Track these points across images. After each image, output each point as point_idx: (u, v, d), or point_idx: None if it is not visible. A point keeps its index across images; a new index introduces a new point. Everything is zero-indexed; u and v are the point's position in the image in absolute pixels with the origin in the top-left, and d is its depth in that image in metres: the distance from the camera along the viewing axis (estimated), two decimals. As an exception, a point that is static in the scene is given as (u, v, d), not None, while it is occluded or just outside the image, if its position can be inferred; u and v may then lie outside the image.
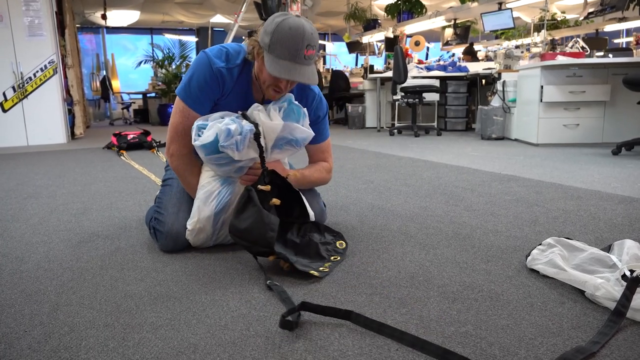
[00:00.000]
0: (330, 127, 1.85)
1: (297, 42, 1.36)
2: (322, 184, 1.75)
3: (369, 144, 4.87)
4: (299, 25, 1.36)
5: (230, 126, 1.38)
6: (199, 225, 1.49)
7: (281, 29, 1.36)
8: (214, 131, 1.38)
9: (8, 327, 1.05)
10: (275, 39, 1.36)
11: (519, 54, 5.40)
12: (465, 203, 2.14)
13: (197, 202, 1.51)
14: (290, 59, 1.37)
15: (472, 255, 1.45)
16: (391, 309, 1.10)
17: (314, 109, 1.67)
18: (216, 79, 1.49)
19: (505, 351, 0.91)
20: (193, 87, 1.50)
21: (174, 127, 1.55)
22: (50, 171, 3.44)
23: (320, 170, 1.72)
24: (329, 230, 1.53)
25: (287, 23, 1.36)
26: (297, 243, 1.49)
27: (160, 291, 1.23)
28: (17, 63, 5.48)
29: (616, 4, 5.60)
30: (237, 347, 0.95)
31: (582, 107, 4.25)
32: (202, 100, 1.51)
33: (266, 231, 1.29)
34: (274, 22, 1.38)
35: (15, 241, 1.72)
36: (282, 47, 1.36)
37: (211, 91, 1.50)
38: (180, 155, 1.56)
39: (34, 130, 5.65)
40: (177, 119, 1.54)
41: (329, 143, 1.78)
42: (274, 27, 1.37)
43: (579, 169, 3.00)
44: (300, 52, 1.37)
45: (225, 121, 1.40)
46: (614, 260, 1.22)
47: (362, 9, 9.51)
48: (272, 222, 1.31)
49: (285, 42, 1.36)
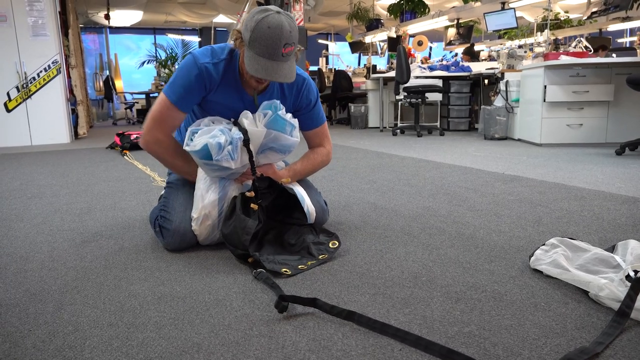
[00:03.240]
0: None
1: (274, 41, 1.39)
2: (321, 168, 1.81)
3: (371, 143, 4.86)
4: (278, 24, 1.39)
5: (219, 139, 1.42)
6: (204, 211, 1.50)
7: (260, 28, 1.39)
8: (203, 141, 1.43)
9: (13, 326, 1.05)
10: (255, 37, 1.40)
11: (522, 53, 5.38)
12: (469, 203, 2.13)
13: (199, 191, 1.54)
14: (268, 57, 1.41)
15: (476, 255, 1.45)
16: (394, 309, 1.10)
17: (304, 94, 1.70)
18: (202, 77, 1.52)
19: (509, 351, 0.91)
20: (177, 86, 1.54)
21: (153, 117, 1.58)
22: (53, 171, 3.45)
23: (316, 158, 1.77)
24: (325, 232, 1.55)
25: (266, 22, 1.38)
26: (292, 244, 1.51)
27: (163, 291, 1.23)
28: (20, 63, 5.50)
29: (620, 4, 5.59)
30: (240, 346, 0.95)
31: (585, 107, 4.24)
32: (185, 99, 1.55)
33: (241, 235, 1.37)
34: (254, 19, 1.41)
35: (19, 240, 1.72)
36: (261, 45, 1.40)
37: (195, 90, 1.54)
38: (157, 141, 1.58)
39: (38, 130, 5.67)
40: (157, 108, 1.57)
41: (325, 127, 1.82)
42: (254, 25, 1.40)
43: (583, 169, 2.99)
44: (278, 50, 1.40)
45: (214, 132, 1.44)
46: (617, 260, 1.22)
47: (364, 9, 9.52)
48: (247, 227, 1.38)
49: (264, 41, 1.39)
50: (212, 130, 1.46)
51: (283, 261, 1.39)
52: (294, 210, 1.57)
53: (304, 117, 1.73)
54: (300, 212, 1.56)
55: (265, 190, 1.54)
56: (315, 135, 1.79)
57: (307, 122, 1.75)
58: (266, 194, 1.54)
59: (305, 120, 1.75)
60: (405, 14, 8.30)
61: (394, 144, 4.81)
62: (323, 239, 1.51)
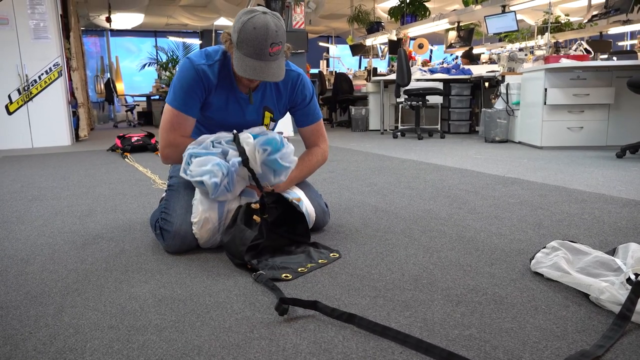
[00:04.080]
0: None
1: (261, 42, 1.41)
2: (318, 168, 1.81)
3: (372, 146, 4.87)
4: (263, 25, 1.40)
5: (215, 178, 1.43)
6: (205, 215, 1.50)
7: (246, 29, 1.41)
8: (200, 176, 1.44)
9: (13, 329, 1.06)
10: (242, 38, 1.42)
11: (522, 56, 5.39)
12: (469, 206, 2.14)
13: (198, 195, 1.55)
14: (256, 57, 1.43)
15: (476, 258, 1.45)
16: (395, 311, 1.10)
17: (299, 90, 1.71)
18: (200, 78, 1.54)
19: (510, 354, 0.91)
20: (178, 92, 1.56)
21: (164, 129, 1.60)
22: (54, 173, 3.45)
23: (311, 159, 1.77)
24: (327, 248, 1.55)
25: (252, 23, 1.41)
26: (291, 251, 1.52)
27: (164, 293, 1.23)
28: (22, 66, 5.51)
29: (620, 7, 5.59)
30: (241, 349, 0.95)
31: (586, 109, 4.24)
32: (188, 103, 1.57)
33: (238, 245, 1.38)
34: (240, 20, 1.43)
35: (20, 243, 1.72)
36: (248, 46, 1.42)
37: (196, 92, 1.56)
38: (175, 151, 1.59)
39: (39, 132, 5.68)
40: (166, 119, 1.60)
41: (320, 124, 1.82)
42: (240, 26, 1.42)
43: (583, 172, 2.99)
44: (264, 50, 1.43)
45: (211, 168, 1.44)
46: (618, 263, 1.22)
47: (365, 12, 9.54)
48: (245, 237, 1.38)
49: (250, 42, 1.41)
50: (209, 162, 1.45)
51: (282, 265, 1.38)
52: (298, 223, 1.57)
53: (300, 114, 1.75)
54: (304, 228, 1.56)
55: (272, 205, 1.53)
56: (311, 134, 1.79)
57: (302, 118, 1.76)
58: (272, 208, 1.53)
59: (301, 117, 1.76)
60: (406, 16, 8.32)
61: (394, 146, 4.82)
62: (324, 251, 1.51)
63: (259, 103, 1.67)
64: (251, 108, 1.66)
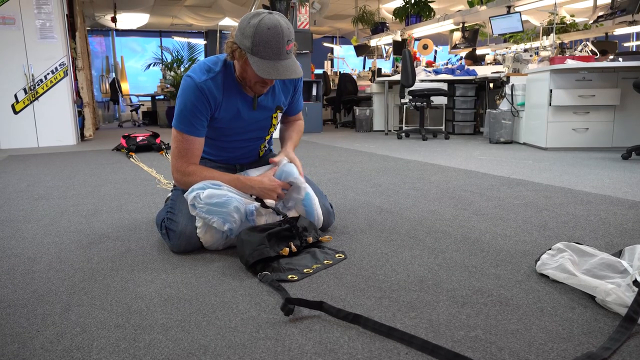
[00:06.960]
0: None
1: (278, 40, 1.41)
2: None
3: (376, 147, 4.86)
4: (276, 24, 1.40)
5: (231, 225, 1.46)
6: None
7: (260, 31, 1.39)
8: (212, 214, 1.45)
9: (21, 327, 1.06)
10: (257, 42, 1.40)
11: (527, 57, 5.38)
12: (474, 207, 2.13)
13: None
14: (276, 58, 1.43)
15: (482, 259, 1.45)
16: (400, 312, 1.10)
17: (299, 81, 1.77)
18: (205, 97, 1.53)
19: (515, 356, 0.91)
20: (183, 114, 1.55)
21: (174, 155, 1.60)
22: (60, 172, 3.47)
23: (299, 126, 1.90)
24: (332, 249, 1.55)
25: (265, 24, 1.39)
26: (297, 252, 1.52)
27: (170, 293, 1.24)
28: (28, 65, 5.54)
29: (626, 7, 5.56)
30: (247, 349, 0.95)
31: (591, 111, 4.23)
32: (194, 124, 1.56)
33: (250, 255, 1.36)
34: (250, 24, 1.41)
35: (27, 242, 1.73)
36: (266, 49, 1.40)
37: (202, 112, 1.55)
38: (188, 174, 1.58)
39: (45, 131, 5.71)
40: (175, 145, 1.59)
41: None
42: (253, 30, 1.40)
43: (589, 174, 2.98)
44: (282, 49, 1.43)
45: (225, 210, 1.46)
46: (624, 265, 1.22)
47: (370, 12, 9.53)
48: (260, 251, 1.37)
49: (268, 43, 1.40)
50: (228, 203, 1.46)
51: (288, 266, 1.38)
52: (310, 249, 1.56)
53: (294, 103, 1.82)
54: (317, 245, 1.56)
55: (305, 233, 1.52)
56: (295, 117, 1.90)
57: (294, 106, 1.83)
58: (304, 236, 1.52)
59: (293, 105, 1.82)
60: (411, 17, 8.30)
61: (399, 147, 4.81)
62: (329, 251, 1.51)
63: (272, 102, 1.69)
64: (264, 109, 1.67)
